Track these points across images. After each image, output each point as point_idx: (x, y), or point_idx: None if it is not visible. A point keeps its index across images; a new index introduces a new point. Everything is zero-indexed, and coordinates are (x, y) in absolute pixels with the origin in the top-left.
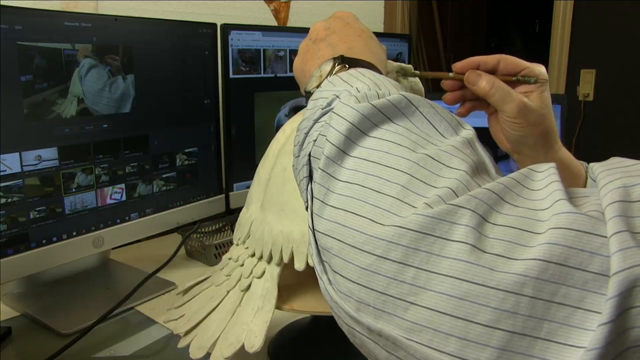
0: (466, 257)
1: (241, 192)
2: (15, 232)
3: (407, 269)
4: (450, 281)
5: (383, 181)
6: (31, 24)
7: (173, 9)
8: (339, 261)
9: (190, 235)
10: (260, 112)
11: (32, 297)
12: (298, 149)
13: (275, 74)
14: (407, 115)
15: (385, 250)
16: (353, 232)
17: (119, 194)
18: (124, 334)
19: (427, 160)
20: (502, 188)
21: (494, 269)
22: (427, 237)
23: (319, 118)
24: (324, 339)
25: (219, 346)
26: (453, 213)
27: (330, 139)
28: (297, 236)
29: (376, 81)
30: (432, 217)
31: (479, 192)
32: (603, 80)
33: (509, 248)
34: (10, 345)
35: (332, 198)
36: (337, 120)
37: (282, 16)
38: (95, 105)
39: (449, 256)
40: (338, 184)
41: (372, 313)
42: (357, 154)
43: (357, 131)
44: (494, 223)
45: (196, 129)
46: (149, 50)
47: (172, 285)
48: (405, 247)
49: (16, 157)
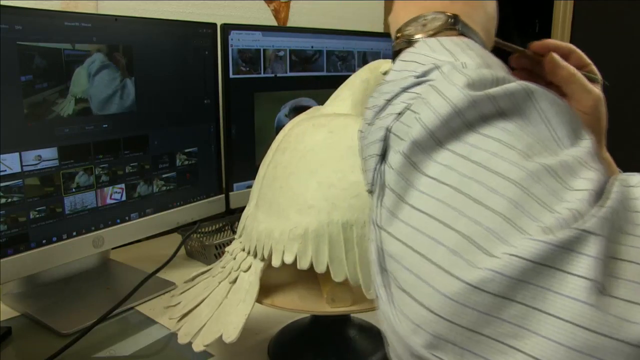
0: (587, 297)
1: (241, 192)
2: (15, 232)
3: (511, 304)
4: (566, 327)
5: (487, 191)
6: (31, 24)
7: (173, 9)
8: (412, 278)
9: (190, 235)
10: (260, 112)
11: (32, 297)
12: (373, 115)
13: (275, 74)
14: (524, 111)
15: (484, 280)
16: (438, 247)
17: (119, 194)
18: (124, 334)
19: (544, 174)
20: (618, 208)
21: (625, 319)
22: (543, 268)
23: (409, 87)
24: (324, 339)
25: (202, 334)
26: (580, 241)
27: (423, 120)
28: (276, 235)
29: (486, 59)
30: (554, 246)
31: (605, 214)
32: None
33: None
34: (10, 345)
35: (413, 196)
36: (437, 99)
37: (282, 16)
38: (100, 110)
39: (567, 294)
40: (423, 179)
41: (456, 353)
42: (455, 148)
43: (458, 119)
44: (620, 258)
45: (196, 129)
46: (149, 50)
47: (172, 285)
48: (512, 279)
49: (16, 157)
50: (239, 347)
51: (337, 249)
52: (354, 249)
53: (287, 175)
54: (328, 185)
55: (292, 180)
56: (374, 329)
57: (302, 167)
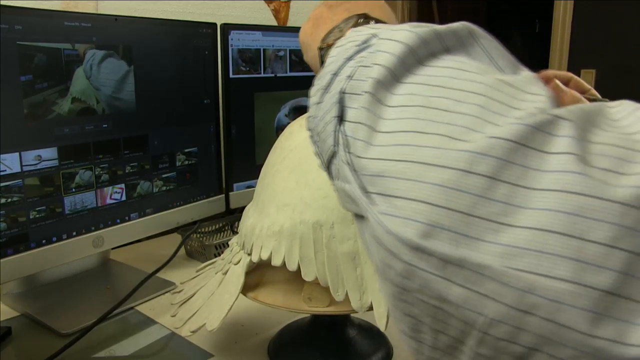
0: (574, 167)
1: (241, 192)
2: (15, 232)
3: (499, 185)
4: (557, 195)
5: (453, 102)
6: (31, 24)
7: (173, 9)
8: (402, 183)
9: (190, 235)
10: (260, 112)
11: (32, 297)
12: (321, 93)
13: (275, 74)
14: (467, 47)
15: (471, 163)
16: (423, 149)
17: (119, 194)
18: (124, 334)
19: (502, 84)
20: (592, 109)
21: (608, 183)
22: (523, 148)
23: (352, 55)
24: (324, 339)
25: (190, 321)
26: (553, 123)
27: (380, 62)
28: (257, 231)
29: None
30: (530, 126)
31: (574, 108)
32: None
33: (617, 164)
34: (10, 345)
35: (385, 125)
36: (390, 43)
37: (282, 16)
38: (113, 100)
39: (553, 169)
40: (390, 110)
41: (450, 239)
42: (414, 80)
43: (412, 57)
44: (593, 141)
45: (196, 129)
46: (149, 50)
47: (172, 285)
48: (497, 159)
49: (16, 157)
50: (239, 347)
51: (307, 248)
52: (322, 249)
53: (273, 173)
54: (304, 184)
55: (276, 178)
56: (374, 329)
57: (285, 165)
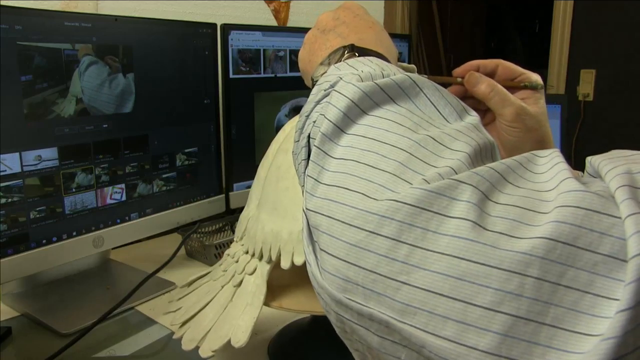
0: (466, 234)
1: (241, 192)
2: (15, 232)
3: (400, 245)
4: (448, 260)
5: (380, 157)
6: (31, 24)
7: (173, 9)
8: (327, 238)
9: (190, 235)
10: (260, 112)
11: (32, 297)
12: (298, 134)
13: (275, 74)
14: (411, 97)
15: (378, 226)
16: (343, 207)
17: (119, 194)
18: (124, 334)
19: (429, 141)
20: (504, 168)
21: (497, 247)
22: (423, 212)
23: (320, 100)
24: (324, 339)
25: (208, 339)
26: (453, 188)
27: (328, 116)
28: (284, 235)
29: (383, 67)
30: (431, 192)
31: (481, 170)
32: (603, 80)
33: (512, 226)
34: (10, 345)
35: (325, 176)
36: (337, 97)
37: (282, 16)
38: (94, 102)
39: (447, 233)
40: (332, 161)
41: (362, 294)
42: (354, 131)
43: (356, 109)
44: (496, 201)
45: (196, 129)
46: (149, 50)
47: (172, 285)
48: (400, 222)
49: (16, 157)
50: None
51: None
52: None
53: (293, 176)
54: None
55: (298, 181)
56: None
57: None
